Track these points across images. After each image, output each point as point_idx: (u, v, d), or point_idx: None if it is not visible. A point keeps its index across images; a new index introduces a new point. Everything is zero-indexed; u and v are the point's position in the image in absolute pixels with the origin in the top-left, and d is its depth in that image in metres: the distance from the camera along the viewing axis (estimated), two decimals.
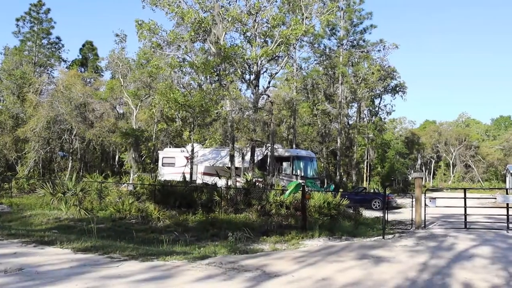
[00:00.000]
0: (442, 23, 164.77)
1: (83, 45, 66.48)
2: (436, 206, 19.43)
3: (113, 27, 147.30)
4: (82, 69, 62.25)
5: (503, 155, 75.12)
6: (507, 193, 24.91)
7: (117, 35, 41.43)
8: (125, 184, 28.05)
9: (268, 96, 31.80)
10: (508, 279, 9.35)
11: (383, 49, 48.63)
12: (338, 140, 47.35)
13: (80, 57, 65.60)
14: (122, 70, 42.49)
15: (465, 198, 18.95)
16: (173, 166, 35.38)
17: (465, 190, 20.49)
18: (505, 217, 17.82)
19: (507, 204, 18.10)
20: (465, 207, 18.54)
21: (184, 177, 27.66)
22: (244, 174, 26.02)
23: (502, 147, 77.30)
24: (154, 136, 42.01)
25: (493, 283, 9.00)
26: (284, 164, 32.69)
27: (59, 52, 60.59)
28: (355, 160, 51.47)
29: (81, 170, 41.34)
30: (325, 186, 36.56)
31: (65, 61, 62.10)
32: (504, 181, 55.65)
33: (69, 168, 37.95)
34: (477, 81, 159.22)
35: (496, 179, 72.87)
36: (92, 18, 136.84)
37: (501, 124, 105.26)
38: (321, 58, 49.16)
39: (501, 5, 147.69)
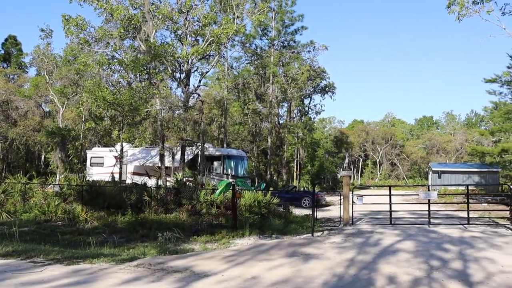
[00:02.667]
0: (371, 26, 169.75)
1: (6, 40, 63.52)
2: (364, 203, 20.04)
3: (38, 21, 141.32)
4: (5, 65, 59.66)
5: (426, 153, 78.32)
6: (428, 190, 26.00)
7: (42, 30, 40.02)
8: (51, 185, 27.09)
9: (199, 95, 31.64)
10: (428, 272, 9.81)
11: (313, 50, 49.62)
12: (269, 139, 47.79)
13: (3, 52, 62.76)
14: (48, 67, 41.14)
15: (390, 195, 19.68)
16: (102, 166, 34.57)
17: (390, 187, 21.30)
18: (427, 212, 18.66)
19: (429, 200, 18.96)
20: (390, 203, 19.24)
21: (113, 177, 27.08)
22: (175, 174, 25.78)
23: (425, 146, 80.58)
24: (81, 135, 40.93)
25: (415, 276, 9.43)
26: (215, 163, 32.65)
27: None
28: (285, 159, 52.16)
29: (4, 171, 39.68)
30: (256, 185, 36.79)
31: None
32: (427, 178, 57.93)
33: None
34: (402, 82, 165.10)
35: (420, 176, 75.83)
36: (16, 12, 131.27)
37: (424, 124, 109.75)
38: (252, 58, 49.45)
39: (427, 9, 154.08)
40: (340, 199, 19.01)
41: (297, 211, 22.69)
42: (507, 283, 8.93)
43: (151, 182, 26.36)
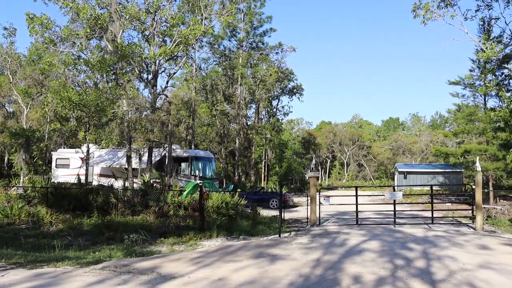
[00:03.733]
0: (338, 29, 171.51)
1: None
2: (331, 204, 20.25)
3: (1, 20, 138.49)
4: None
5: (392, 154, 79.50)
6: (394, 190, 26.39)
7: (5, 29, 39.24)
8: (15, 187, 26.53)
9: (166, 96, 31.47)
10: (393, 271, 9.99)
11: (282, 51, 49.97)
12: (237, 141, 47.81)
13: None
14: (12, 66, 40.29)
15: (356, 195, 19.91)
16: (68, 167, 34.09)
17: (356, 188, 21.50)
18: (393, 212, 18.96)
19: (394, 201, 19.27)
20: (357, 204, 19.48)
21: (79, 179, 26.66)
22: (142, 175, 25.57)
23: (391, 147, 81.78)
24: (46, 137, 40.17)
25: (379, 275, 9.58)
26: (183, 164, 32.54)
27: None
28: (253, 160, 52.23)
29: None
30: (224, 186, 36.75)
31: None
32: (393, 179, 58.83)
33: None
34: (369, 84, 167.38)
35: (386, 177, 76.94)
36: None
37: (391, 125, 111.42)
38: (220, 59, 49.42)
39: (394, 12, 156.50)
40: (308, 200, 19.14)
41: (265, 212, 22.75)
42: (468, 280, 9.18)
43: (118, 184, 26.07)
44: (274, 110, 56.58)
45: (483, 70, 33.67)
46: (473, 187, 18.68)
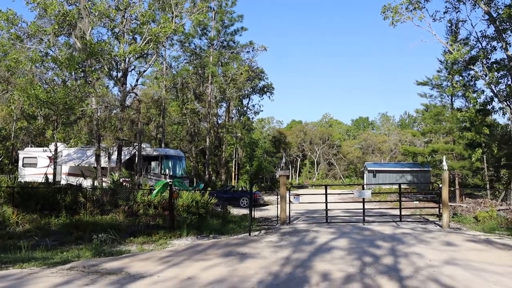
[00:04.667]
0: (310, 29, 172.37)
1: None
2: (300, 202, 20.43)
3: None
4: None
5: (362, 153, 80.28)
6: (363, 189, 26.65)
7: None
8: None
9: (136, 94, 31.17)
10: (361, 268, 10.14)
11: (252, 50, 49.95)
12: (207, 139, 47.72)
13: None
14: None
15: (326, 194, 20.07)
16: (35, 166, 33.49)
17: (326, 186, 21.71)
18: (362, 210, 19.20)
19: (363, 199, 19.52)
20: (326, 202, 19.63)
21: (47, 178, 26.23)
22: (111, 174, 25.28)
23: (361, 146, 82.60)
24: (13, 135, 39.41)
25: (348, 272, 9.71)
26: (153, 163, 32.33)
27: None
28: (224, 159, 52.14)
29: None
30: (194, 185, 36.63)
31: None
32: (363, 178, 59.44)
33: None
34: (340, 84, 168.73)
35: (356, 176, 77.62)
36: None
37: (360, 124, 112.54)
38: (191, 57, 49.27)
39: (365, 14, 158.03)
40: (278, 198, 19.22)
41: (235, 211, 22.77)
42: (434, 276, 9.38)
43: (86, 183, 25.75)
44: (245, 109, 56.62)
45: (450, 71, 34.29)
46: (440, 185, 19.05)
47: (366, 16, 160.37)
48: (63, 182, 30.86)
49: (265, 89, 54.73)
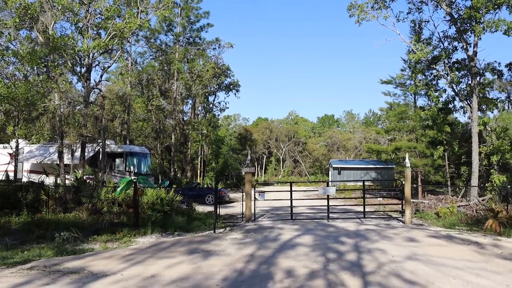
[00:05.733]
0: (277, 27, 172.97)
1: None
2: (266, 200, 20.51)
3: None
4: None
5: (327, 150, 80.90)
6: (327, 186, 26.90)
7: None
8: None
9: (100, 90, 30.74)
10: (325, 264, 10.25)
11: (219, 47, 49.86)
12: (173, 136, 47.43)
13: None
14: None
15: (291, 191, 20.23)
16: None
17: (291, 183, 21.84)
18: (326, 207, 19.38)
19: (328, 196, 19.70)
20: (291, 199, 19.77)
21: (8, 176, 25.69)
22: (74, 172, 24.89)
23: (326, 143, 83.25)
24: None
25: (312, 268, 9.81)
26: (117, 160, 31.96)
27: None
28: (189, 156, 51.91)
29: None
30: (159, 182, 36.38)
31: None
32: (328, 175, 59.99)
33: None
34: (306, 81, 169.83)
35: (321, 173, 78.17)
36: None
37: (326, 122, 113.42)
38: (157, 54, 48.83)
39: (332, 13, 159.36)
40: (243, 195, 19.25)
41: (201, 208, 22.75)
42: (396, 271, 9.56)
43: (49, 181, 25.29)
44: (211, 105, 56.47)
45: (414, 70, 34.84)
46: (403, 182, 19.39)
47: (332, 17, 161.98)
48: (24, 179, 30.33)
49: (231, 86, 54.71)
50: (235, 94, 55.48)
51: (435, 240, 13.62)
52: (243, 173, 31.04)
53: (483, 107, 30.46)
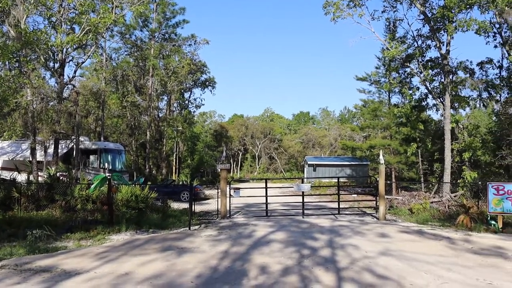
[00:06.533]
0: (252, 24, 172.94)
1: None
2: (241, 196, 20.50)
3: None
4: None
5: (303, 147, 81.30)
6: (302, 182, 26.99)
7: None
8: None
9: (74, 86, 30.35)
10: (299, 260, 10.32)
11: (194, 44, 49.81)
12: (148, 133, 47.19)
13: None
14: None
15: (266, 188, 20.27)
16: None
17: (266, 180, 21.91)
18: (301, 204, 19.48)
19: (303, 192, 19.80)
20: (266, 196, 19.82)
21: None
22: (47, 168, 24.53)
23: (302, 140, 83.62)
24: None
25: (286, 264, 9.87)
26: (91, 157, 31.63)
27: None
28: (165, 152, 51.69)
29: None
30: (134, 179, 36.11)
31: None
32: (303, 171, 60.28)
33: None
34: (281, 79, 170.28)
35: (297, 169, 78.57)
36: None
37: (301, 119, 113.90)
38: (132, 49, 48.54)
39: (307, 10, 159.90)
40: (218, 192, 19.23)
41: (176, 205, 22.65)
42: (369, 267, 9.66)
43: (21, 178, 24.88)
44: (186, 102, 56.35)
45: (388, 68, 35.26)
46: (377, 179, 19.58)
47: (307, 14, 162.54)
48: None
49: (207, 82, 54.68)
50: (211, 90, 55.62)
51: (408, 236, 13.80)
52: (219, 170, 31.00)
53: (456, 105, 30.94)
